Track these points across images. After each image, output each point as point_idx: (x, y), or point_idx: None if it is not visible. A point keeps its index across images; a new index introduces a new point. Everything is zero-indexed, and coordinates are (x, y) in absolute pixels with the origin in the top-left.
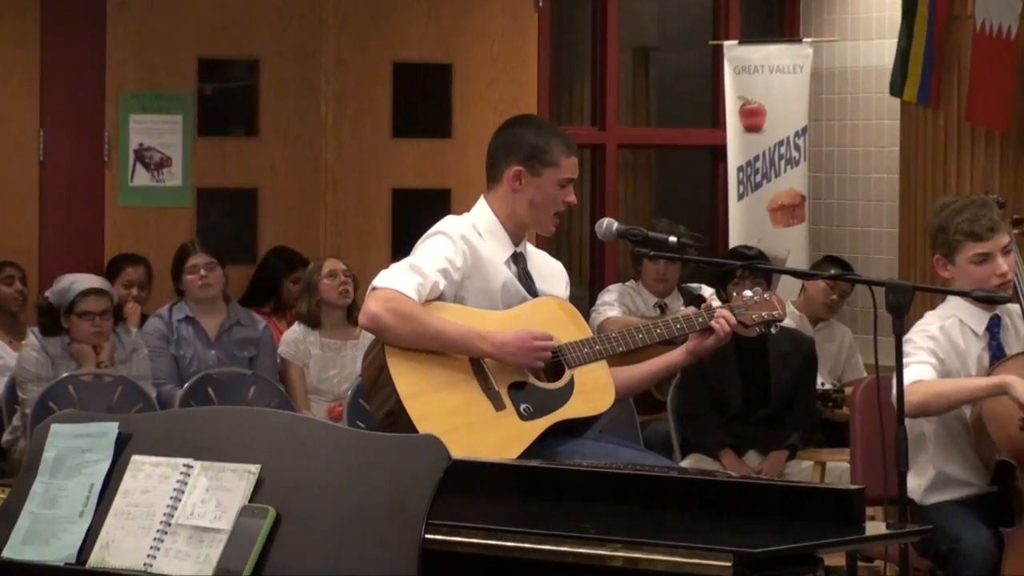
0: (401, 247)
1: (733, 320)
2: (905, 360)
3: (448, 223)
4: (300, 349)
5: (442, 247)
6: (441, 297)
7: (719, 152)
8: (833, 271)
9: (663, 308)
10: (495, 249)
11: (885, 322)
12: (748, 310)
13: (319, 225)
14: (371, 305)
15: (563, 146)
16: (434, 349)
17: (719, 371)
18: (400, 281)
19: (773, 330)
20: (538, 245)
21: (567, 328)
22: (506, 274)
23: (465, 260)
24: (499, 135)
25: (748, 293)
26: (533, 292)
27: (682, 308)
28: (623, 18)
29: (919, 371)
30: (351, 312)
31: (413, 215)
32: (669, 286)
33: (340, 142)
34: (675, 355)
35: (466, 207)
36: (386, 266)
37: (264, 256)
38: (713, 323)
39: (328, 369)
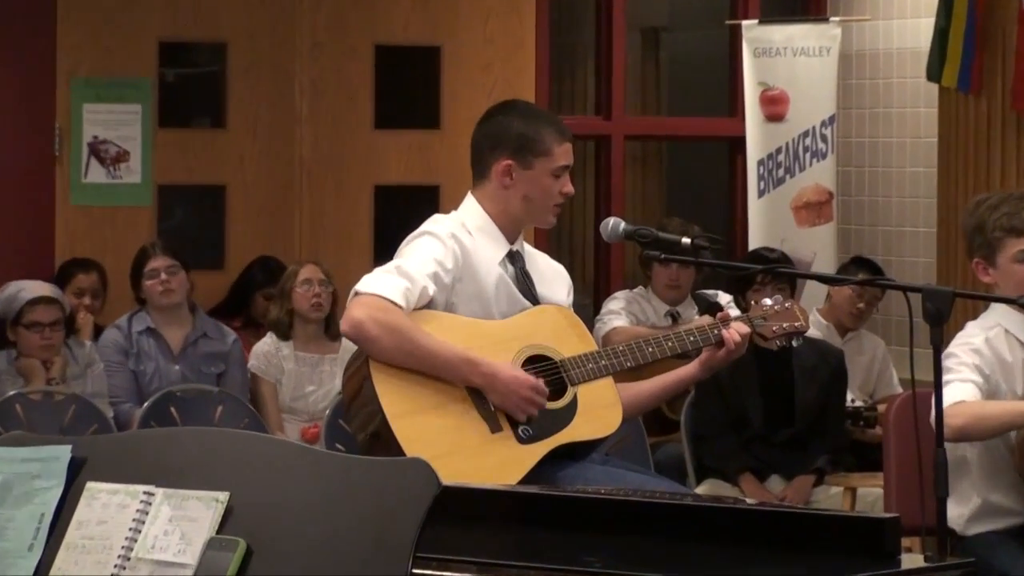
0: (384, 250)
1: (745, 330)
2: (946, 377)
3: (435, 222)
4: (272, 363)
5: (430, 249)
6: (431, 304)
7: (737, 144)
8: (862, 275)
9: (675, 317)
10: (488, 248)
11: (922, 333)
12: (768, 321)
13: (294, 226)
14: (355, 312)
15: (554, 132)
16: (420, 369)
17: (738, 387)
18: (387, 286)
19: (795, 343)
20: (537, 245)
21: (570, 340)
22: (498, 273)
23: (456, 262)
24: (482, 126)
25: (768, 302)
26: (532, 293)
27: (696, 317)
28: None
29: (961, 391)
30: (329, 324)
31: (398, 214)
32: (682, 293)
33: (316, 134)
34: (688, 369)
35: (456, 205)
36: (367, 271)
37: (247, 265)
38: (724, 333)
39: (304, 386)
